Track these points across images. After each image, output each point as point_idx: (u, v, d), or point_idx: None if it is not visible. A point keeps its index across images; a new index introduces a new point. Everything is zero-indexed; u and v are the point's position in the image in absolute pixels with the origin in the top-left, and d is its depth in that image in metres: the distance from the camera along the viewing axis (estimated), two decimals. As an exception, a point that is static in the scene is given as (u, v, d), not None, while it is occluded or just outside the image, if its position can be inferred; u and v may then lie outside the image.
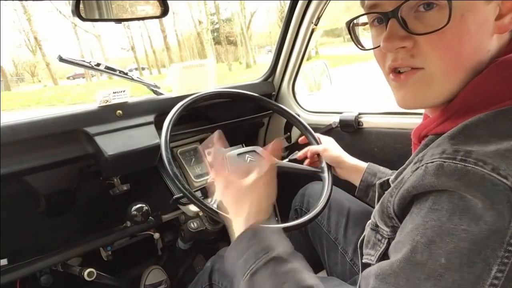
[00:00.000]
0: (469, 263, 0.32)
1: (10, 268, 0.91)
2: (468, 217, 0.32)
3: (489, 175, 0.32)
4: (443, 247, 0.33)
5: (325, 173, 0.96)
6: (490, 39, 0.41)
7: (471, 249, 0.32)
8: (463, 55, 0.41)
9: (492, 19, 0.41)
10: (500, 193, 0.31)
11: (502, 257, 0.31)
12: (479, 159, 0.33)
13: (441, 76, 0.42)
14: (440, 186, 0.34)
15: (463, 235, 0.32)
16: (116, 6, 0.86)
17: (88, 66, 1.09)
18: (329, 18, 1.23)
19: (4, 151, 0.83)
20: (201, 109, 1.18)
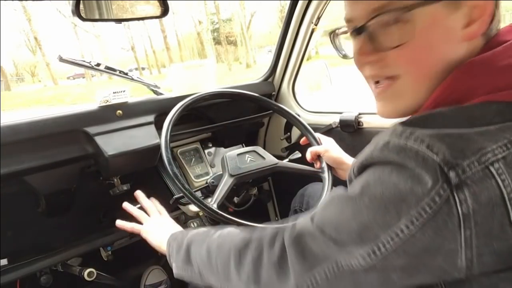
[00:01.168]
0: (386, 208, 0.37)
1: (10, 268, 0.91)
2: (401, 176, 0.37)
3: (422, 151, 0.36)
4: (371, 190, 0.39)
5: (325, 173, 0.96)
6: (459, 46, 0.43)
7: (391, 199, 0.37)
8: (430, 65, 0.44)
9: (459, 28, 0.42)
10: (428, 166, 0.35)
11: (412, 216, 0.35)
12: (418, 138, 0.37)
13: (412, 85, 0.46)
14: (384, 159, 0.39)
15: (391, 185, 0.37)
16: (116, 6, 0.86)
17: (88, 66, 1.09)
18: (329, 18, 1.23)
19: (4, 151, 0.83)
20: (201, 109, 1.18)
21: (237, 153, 0.95)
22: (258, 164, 0.95)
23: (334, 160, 0.95)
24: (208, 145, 1.28)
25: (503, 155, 0.35)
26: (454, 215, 0.34)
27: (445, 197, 0.34)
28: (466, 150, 0.35)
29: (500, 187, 0.34)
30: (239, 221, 0.78)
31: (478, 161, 0.35)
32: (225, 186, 0.88)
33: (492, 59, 0.41)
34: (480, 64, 0.41)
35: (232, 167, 0.91)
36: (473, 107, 0.39)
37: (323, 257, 0.43)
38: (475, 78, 0.41)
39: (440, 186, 0.34)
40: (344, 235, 0.41)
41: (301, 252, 0.45)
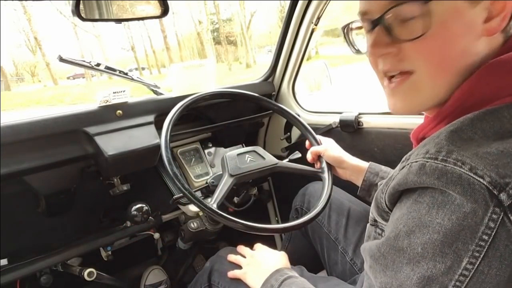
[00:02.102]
0: (442, 254, 0.35)
1: (10, 268, 0.91)
2: (443, 211, 0.35)
3: (466, 174, 0.34)
4: (420, 237, 0.36)
5: (325, 173, 0.96)
6: (478, 41, 0.42)
7: (444, 241, 0.35)
8: (449, 59, 0.42)
9: (479, 22, 0.41)
10: (476, 191, 0.33)
11: (473, 250, 0.33)
12: (458, 159, 0.35)
13: (429, 80, 0.44)
14: (422, 184, 0.37)
15: (437, 228, 0.35)
16: (116, 6, 0.86)
17: (88, 66, 1.09)
18: (329, 18, 1.23)
19: (4, 151, 0.83)
20: (201, 109, 1.18)
21: (237, 153, 0.95)
22: (258, 164, 0.95)
23: (334, 159, 0.95)
24: (208, 145, 1.28)
25: None
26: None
27: (500, 221, 0.33)
28: (509, 166, 0.33)
29: None
30: (238, 221, 0.78)
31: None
32: (225, 186, 0.88)
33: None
34: (504, 64, 0.40)
35: (232, 167, 0.91)
36: (500, 109, 0.38)
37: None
38: (499, 79, 0.40)
39: (492, 211, 0.33)
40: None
41: None
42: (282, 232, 1.23)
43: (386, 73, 0.47)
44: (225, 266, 0.88)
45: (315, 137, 1.03)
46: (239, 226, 0.78)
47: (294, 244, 1.13)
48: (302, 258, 1.04)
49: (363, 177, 0.89)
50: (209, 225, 1.13)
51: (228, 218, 0.78)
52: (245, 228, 0.78)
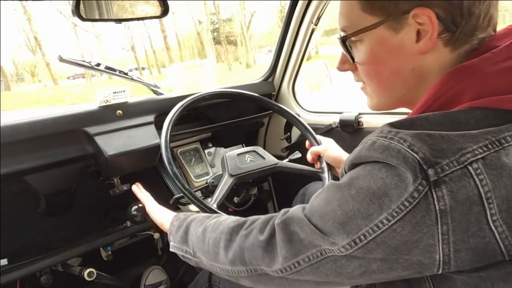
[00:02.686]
0: (370, 201, 0.39)
1: (10, 268, 0.91)
2: (386, 172, 0.39)
3: (404, 150, 0.38)
4: (359, 183, 0.41)
5: (325, 173, 0.96)
6: (417, 57, 0.46)
7: (375, 193, 0.39)
8: (384, 77, 0.50)
9: (410, 44, 0.45)
10: (408, 163, 0.37)
11: (393, 210, 0.38)
12: (402, 138, 0.39)
13: (375, 92, 0.53)
14: (369, 158, 0.41)
15: (378, 180, 0.39)
16: (116, 6, 0.87)
17: (88, 66, 1.09)
18: (329, 18, 1.23)
19: (4, 151, 0.83)
20: (201, 109, 1.18)
21: (237, 153, 0.95)
22: (258, 164, 0.95)
23: (334, 159, 0.95)
24: (208, 145, 1.28)
25: (483, 156, 0.37)
26: (431, 211, 0.36)
27: (424, 193, 0.36)
28: (446, 150, 0.37)
29: (478, 186, 0.36)
30: None
31: (457, 160, 0.36)
32: (225, 186, 0.88)
33: (479, 65, 0.42)
34: (466, 70, 0.42)
35: (232, 167, 0.91)
36: (458, 112, 0.40)
37: (308, 244, 0.45)
38: (461, 83, 0.42)
39: (419, 183, 0.36)
40: (329, 224, 0.43)
41: (288, 237, 0.47)
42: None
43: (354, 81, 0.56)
44: None
45: (315, 137, 1.03)
46: None
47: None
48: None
49: None
50: (209, 225, 1.13)
51: None
52: None
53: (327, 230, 0.43)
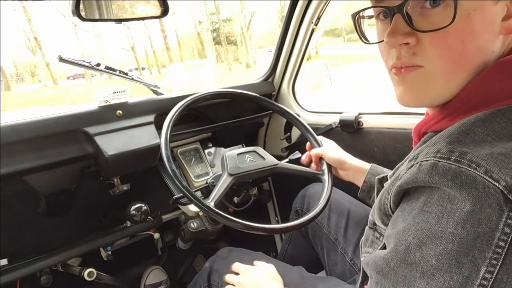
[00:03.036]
0: (458, 264, 0.33)
1: (10, 268, 0.91)
2: (454, 219, 0.33)
3: (481, 177, 0.32)
4: (433, 249, 0.34)
5: (325, 175, 0.96)
6: (496, 39, 0.41)
7: (459, 251, 0.33)
8: (466, 55, 0.41)
9: (499, 20, 0.40)
10: (490, 196, 0.32)
11: (490, 258, 0.32)
12: (473, 161, 0.33)
13: (441, 76, 0.42)
14: (433, 183, 0.35)
15: (451, 237, 0.33)
16: (116, 6, 0.86)
17: (88, 66, 1.09)
18: (329, 18, 1.23)
19: (4, 151, 0.83)
20: (201, 109, 1.18)
21: (237, 153, 0.95)
22: (257, 164, 0.95)
23: (336, 161, 0.94)
24: (208, 145, 1.28)
25: None
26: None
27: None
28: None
29: None
30: (236, 220, 0.78)
31: None
32: (224, 185, 0.88)
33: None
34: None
35: (232, 166, 0.91)
36: (510, 109, 0.37)
37: None
38: (509, 78, 0.39)
39: (506, 216, 0.32)
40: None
41: None
42: (281, 232, 1.23)
43: (401, 65, 0.44)
44: (225, 266, 0.88)
45: (316, 138, 1.03)
46: (238, 225, 0.78)
47: (294, 245, 1.13)
48: (302, 258, 1.04)
49: (364, 178, 0.88)
50: (209, 225, 1.13)
51: (226, 217, 0.78)
52: (244, 227, 0.78)
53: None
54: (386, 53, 0.46)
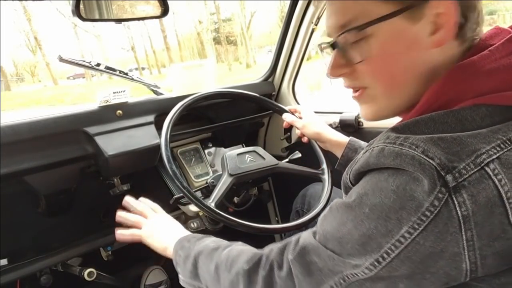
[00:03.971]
0: (386, 217, 0.38)
1: (10, 268, 0.91)
2: (399, 181, 0.37)
3: (418, 156, 0.36)
4: (371, 199, 0.39)
5: (325, 174, 0.96)
6: (429, 52, 0.43)
7: (391, 207, 0.37)
8: (396, 75, 0.45)
9: (425, 36, 0.42)
10: (425, 170, 0.36)
11: (414, 222, 0.36)
12: (413, 143, 0.38)
13: (382, 96, 0.47)
14: (380, 165, 0.40)
15: (390, 194, 0.38)
16: (116, 6, 0.86)
17: (88, 66, 1.09)
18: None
19: (4, 151, 0.83)
20: (201, 109, 1.18)
21: (237, 153, 0.95)
22: (258, 164, 0.95)
23: (314, 134, 0.98)
24: (208, 145, 1.28)
25: (498, 155, 0.36)
26: (454, 218, 0.35)
27: (444, 201, 0.35)
28: (460, 153, 0.36)
29: (498, 187, 0.35)
30: (236, 220, 0.78)
31: (473, 163, 0.35)
32: (224, 185, 0.88)
33: (479, 62, 0.41)
34: (467, 68, 0.41)
35: (232, 166, 0.91)
36: (462, 110, 0.40)
37: (329, 272, 0.43)
38: (463, 82, 0.41)
39: (438, 190, 0.35)
40: (347, 248, 0.41)
41: (306, 269, 0.45)
42: (281, 232, 1.22)
43: (347, 88, 0.51)
44: None
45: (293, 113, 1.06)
46: (238, 225, 0.78)
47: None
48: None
49: (342, 152, 0.91)
50: (209, 225, 1.13)
51: (226, 218, 0.78)
52: (244, 227, 0.78)
53: (347, 253, 0.41)
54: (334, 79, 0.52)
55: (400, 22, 0.42)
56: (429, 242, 0.36)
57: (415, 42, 0.43)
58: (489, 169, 0.35)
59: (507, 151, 0.36)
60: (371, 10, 0.42)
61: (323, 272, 0.43)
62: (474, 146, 0.36)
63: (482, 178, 0.35)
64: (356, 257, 0.40)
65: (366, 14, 0.43)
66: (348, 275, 0.42)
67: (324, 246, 0.44)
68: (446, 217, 0.35)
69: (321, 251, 0.44)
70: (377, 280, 0.40)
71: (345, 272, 0.42)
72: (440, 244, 0.36)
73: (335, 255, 0.42)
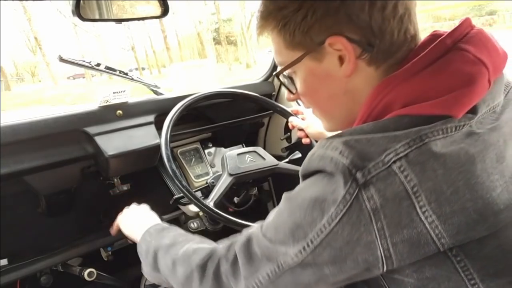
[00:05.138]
0: (313, 208, 0.42)
1: (10, 268, 0.91)
2: (323, 179, 0.43)
3: (336, 157, 0.41)
4: (304, 192, 0.45)
5: None
6: (345, 81, 0.48)
7: (317, 199, 0.42)
8: (322, 102, 0.53)
9: (336, 70, 0.48)
10: (339, 169, 0.40)
11: (332, 213, 0.41)
12: (334, 146, 0.42)
13: (322, 116, 0.57)
14: (311, 168, 0.45)
15: (317, 188, 0.43)
16: (116, 6, 0.87)
17: (88, 66, 1.09)
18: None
19: (4, 151, 0.83)
20: (201, 109, 1.18)
21: (237, 153, 0.95)
22: (258, 164, 0.95)
23: (316, 136, 0.99)
24: (208, 145, 1.28)
25: (406, 153, 0.39)
26: (364, 210, 0.39)
27: (355, 195, 0.40)
28: (372, 153, 0.40)
29: (403, 182, 0.39)
30: (236, 220, 0.78)
31: (382, 162, 0.39)
32: (223, 184, 0.88)
33: (402, 75, 0.44)
34: (392, 81, 0.45)
35: (232, 166, 0.91)
36: (387, 120, 0.43)
37: (265, 259, 0.47)
38: (388, 95, 0.44)
39: (349, 186, 0.40)
40: (281, 235, 0.46)
41: (248, 257, 0.49)
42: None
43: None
44: None
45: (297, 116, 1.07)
46: (238, 225, 0.78)
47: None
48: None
49: None
50: (209, 225, 1.13)
51: (226, 218, 0.78)
52: (244, 227, 0.78)
53: (279, 241, 0.46)
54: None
55: (309, 63, 0.49)
56: (345, 232, 0.40)
57: (328, 75, 0.49)
58: (395, 167, 0.39)
59: (416, 149, 0.39)
60: (286, 56, 0.51)
61: (261, 261, 0.48)
62: (384, 146, 0.40)
63: (389, 175, 0.39)
64: (286, 244, 0.45)
65: (285, 59, 0.51)
66: (281, 263, 0.46)
67: (264, 235, 0.48)
68: (358, 210, 0.40)
69: (261, 239, 0.48)
70: (305, 266, 0.44)
71: (278, 259, 0.46)
72: (355, 233, 0.40)
73: (271, 243, 0.47)
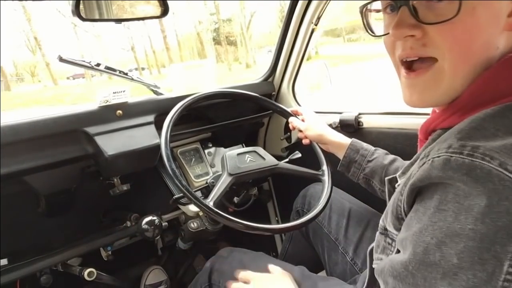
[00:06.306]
0: (480, 260, 0.32)
1: (10, 268, 0.91)
2: (473, 216, 0.32)
3: (496, 170, 0.32)
4: (453, 247, 0.33)
5: (325, 175, 0.97)
6: (500, 35, 0.40)
7: (481, 247, 0.32)
8: (472, 48, 0.41)
9: (504, 15, 0.40)
10: (507, 188, 0.31)
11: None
12: (486, 154, 0.33)
13: (450, 71, 0.42)
14: (447, 179, 0.34)
15: (471, 234, 0.32)
16: (116, 6, 0.86)
17: (88, 66, 1.09)
18: (329, 18, 1.23)
19: (4, 151, 0.83)
20: (201, 109, 1.18)
21: (237, 153, 0.95)
22: (257, 164, 0.95)
23: (315, 138, 0.99)
24: (208, 145, 1.28)
25: None
26: None
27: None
28: None
29: None
30: (236, 220, 0.78)
31: None
32: (223, 184, 0.88)
33: None
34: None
35: (231, 166, 0.91)
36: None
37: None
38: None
39: None
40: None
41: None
42: (281, 232, 1.23)
43: (405, 59, 0.45)
44: (226, 266, 0.88)
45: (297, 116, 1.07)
46: (238, 225, 0.78)
47: (294, 245, 1.13)
48: (303, 258, 1.04)
49: (344, 153, 0.92)
50: (209, 225, 1.13)
51: (226, 217, 0.78)
52: (244, 227, 0.78)
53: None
54: (392, 46, 0.47)
55: None
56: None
57: (497, 17, 0.39)
58: None
59: None
60: None
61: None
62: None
63: None
64: None
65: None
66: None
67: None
68: None
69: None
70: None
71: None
72: None
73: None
